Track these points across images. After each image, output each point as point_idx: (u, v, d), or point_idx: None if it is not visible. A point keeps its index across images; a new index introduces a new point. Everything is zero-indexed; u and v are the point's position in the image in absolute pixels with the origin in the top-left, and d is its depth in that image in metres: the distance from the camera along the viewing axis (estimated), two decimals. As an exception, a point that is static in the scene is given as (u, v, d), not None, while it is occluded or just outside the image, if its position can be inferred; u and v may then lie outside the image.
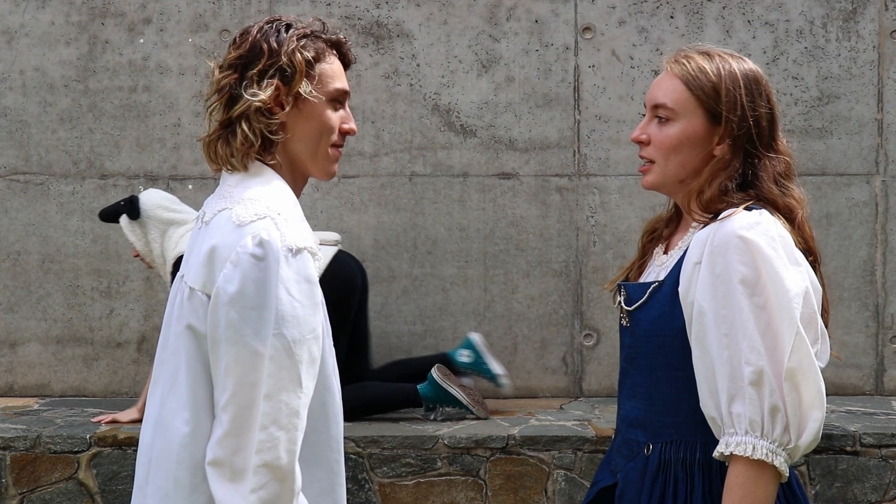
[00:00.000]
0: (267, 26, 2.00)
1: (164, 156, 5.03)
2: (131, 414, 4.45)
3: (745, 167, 2.02)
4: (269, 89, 1.94)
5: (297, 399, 1.85)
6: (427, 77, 5.01)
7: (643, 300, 2.06)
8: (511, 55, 5.01)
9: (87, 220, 5.01)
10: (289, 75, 1.95)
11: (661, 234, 2.19)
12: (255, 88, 1.94)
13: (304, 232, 1.91)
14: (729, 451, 1.89)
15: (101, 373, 5.08)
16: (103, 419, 4.47)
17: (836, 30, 4.99)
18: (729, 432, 1.90)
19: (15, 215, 5.06)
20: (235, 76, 1.97)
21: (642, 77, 4.99)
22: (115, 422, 4.44)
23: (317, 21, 2.04)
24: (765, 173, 2.01)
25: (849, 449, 4.24)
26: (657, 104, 2.05)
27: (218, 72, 2.00)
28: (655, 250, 2.17)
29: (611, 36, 5.00)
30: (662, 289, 2.04)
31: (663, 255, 2.13)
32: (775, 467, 1.88)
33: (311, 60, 1.97)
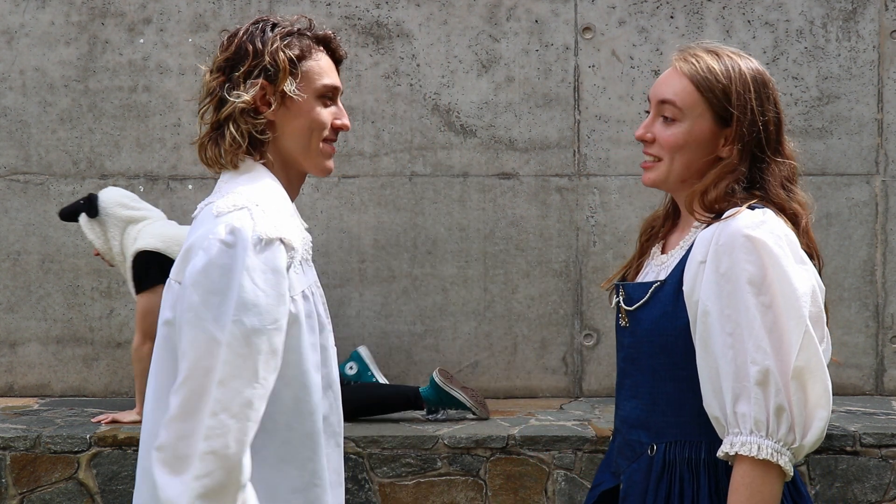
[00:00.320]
0: (253, 27, 2.02)
1: (164, 156, 5.02)
2: (131, 414, 4.45)
3: (752, 171, 2.01)
4: (254, 89, 1.95)
5: (252, 389, 1.81)
6: (427, 77, 5.01)
7: (644, 300, 2.05)
8: (511, 55, 5.00)
9: (86, 220, 5.01)
10: (272, 74, 1.96)
11: (657, 232, 2.18)
12: (240, 90, 1.96)
13: (280, 224, 1.89)
14: (734, 451, 1.89)
15: (101, 373, 5.07)
16: (103, 419, 4.47)
17: (836, 30, 4.99)
18: (734, 432, 1.89)
19: (15, 215, 5.05)
20: (223, 78, 1.99)
21: (642, 77, 4.99)
22: (115, 422, 4.44)
23: (303, 18, 2.05)
24: (772, 178, 2.00)
25: (849, 449, 4.24)
26: (664, 100, 2.03)
27: (208, 75, 2.02)
28: (653, 250, 2.17)
29: (611, 36, 5.00)
30: (664, 288, 2.03)
31: (662, 254, 2.12)
32: (780, 466, 1.88)
33: (294, 59, 1.98)
